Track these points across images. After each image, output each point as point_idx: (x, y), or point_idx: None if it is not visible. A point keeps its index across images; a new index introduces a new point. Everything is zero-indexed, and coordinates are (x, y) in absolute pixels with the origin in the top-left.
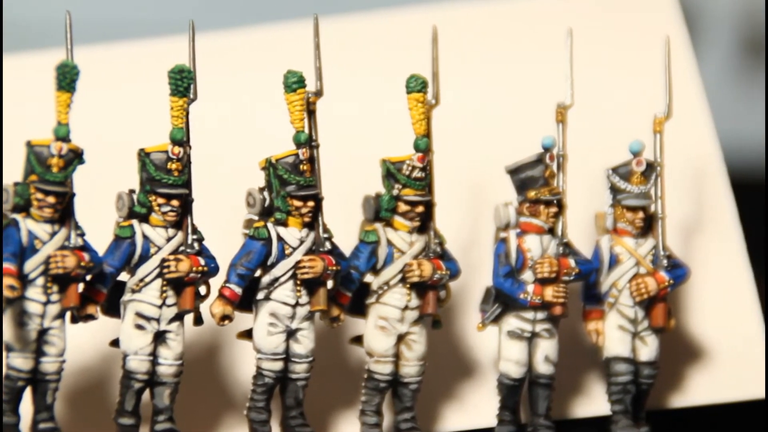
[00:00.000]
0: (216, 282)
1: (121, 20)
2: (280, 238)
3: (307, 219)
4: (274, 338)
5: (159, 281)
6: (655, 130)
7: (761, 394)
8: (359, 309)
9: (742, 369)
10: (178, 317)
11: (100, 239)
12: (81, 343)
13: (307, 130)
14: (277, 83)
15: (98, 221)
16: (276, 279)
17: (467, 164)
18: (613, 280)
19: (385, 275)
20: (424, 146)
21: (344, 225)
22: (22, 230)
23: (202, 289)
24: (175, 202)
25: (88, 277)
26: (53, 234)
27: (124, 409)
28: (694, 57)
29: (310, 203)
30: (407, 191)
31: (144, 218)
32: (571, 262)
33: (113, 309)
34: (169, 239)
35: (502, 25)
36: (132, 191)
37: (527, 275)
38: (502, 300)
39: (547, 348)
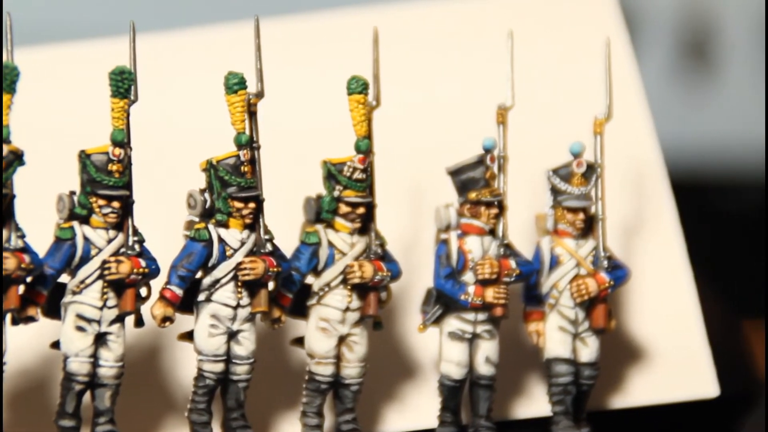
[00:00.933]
0: (157, 284)
1: (62, 21)
2: (221, 240)
3: (248, 220)
4: (215, 340)
5: (100, 283)
6: (596, 132)
7: (713, 393)
8: (300, 310)
9: (683, 369)
10: (119, 319)
11: (41, 241)
12: (21, 345)
13: (248, 132)
14: (218, 84)
15: (39, 223)
16: (217, 281)
17: (408, 166)
18: (553, 282)
19: (326, 277)
20: (365, 148)
21: (285, 226)
22: None
23: (143, 291)
24: (115, 204)
25: (29, 279)
26: None
27: (65, 411)
28: (634, 58)
29: (251, 204)
30: (348, 193)
31: (85, 220)
32: (512, 263)
33: (54, 311)
34: (109, 241)
35: (443, 27)
36: (73, 193)
37: (468, 276)
38: (443, 301)
39: (488, 349)
